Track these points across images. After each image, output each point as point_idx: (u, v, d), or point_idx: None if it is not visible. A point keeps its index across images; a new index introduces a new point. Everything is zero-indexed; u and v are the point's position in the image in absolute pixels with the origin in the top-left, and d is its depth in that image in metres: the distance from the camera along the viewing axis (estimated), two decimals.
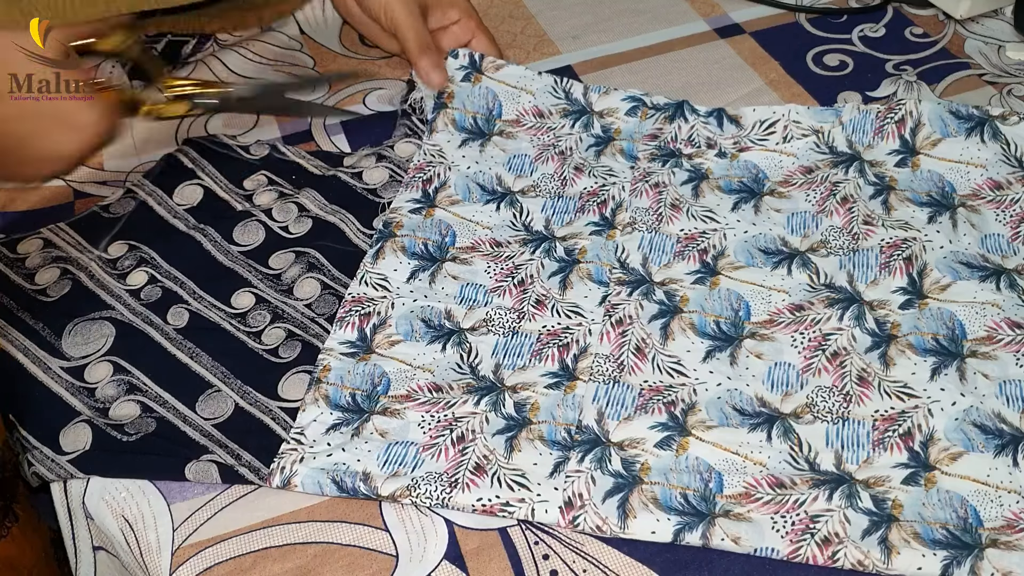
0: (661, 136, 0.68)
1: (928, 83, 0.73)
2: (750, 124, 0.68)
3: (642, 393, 0.53)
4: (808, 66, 0.76)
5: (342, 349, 0.56)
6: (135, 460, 0.52)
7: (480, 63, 0.71)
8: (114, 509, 0.50)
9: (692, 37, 0.79)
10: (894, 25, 0.79)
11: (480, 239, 0.62)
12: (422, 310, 0.58)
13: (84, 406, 0.54)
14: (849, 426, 0.51)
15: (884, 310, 0.57)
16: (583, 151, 0.68)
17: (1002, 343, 0.55)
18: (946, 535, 0.47)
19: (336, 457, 0.51)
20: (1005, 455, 0.50)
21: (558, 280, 0.59)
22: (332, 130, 0.72)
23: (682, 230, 0.62)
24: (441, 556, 0.48)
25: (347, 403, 0.53)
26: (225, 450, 0.52)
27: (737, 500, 0.49)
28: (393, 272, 0.60)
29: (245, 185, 0.66)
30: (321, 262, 0.61)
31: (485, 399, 0.53)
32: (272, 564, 0.48)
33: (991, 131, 0.65)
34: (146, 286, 0.59)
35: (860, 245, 0.60)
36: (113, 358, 0.56)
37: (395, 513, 0.50)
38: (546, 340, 0.56)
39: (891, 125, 0.66)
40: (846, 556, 0.46)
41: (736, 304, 0.58)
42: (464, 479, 0.49)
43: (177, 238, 0.62)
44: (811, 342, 0.55)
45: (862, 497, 0.48)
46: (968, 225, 0.61)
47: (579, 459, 0.50)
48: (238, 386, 0.55)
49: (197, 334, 0.57)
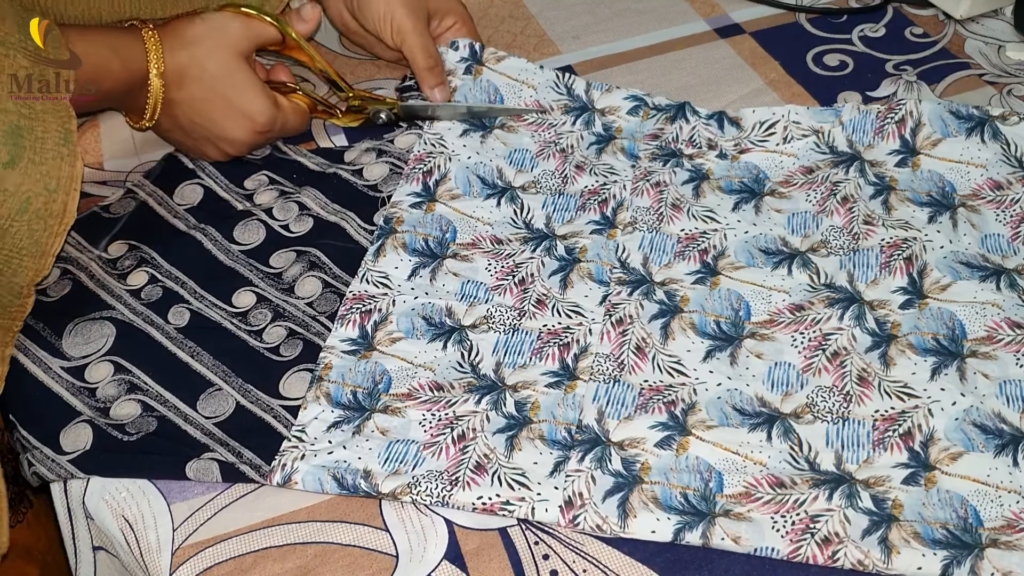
0: (662, 136, 0.68)
1: (928, 83, 0.73)
2: (750, 125, 0.68)
3: (642, 393, 0.53)
4: (808, 66, 0.76)
5: (343, 347, 0.56)
6: (136, 459, 0.52)
7: (481, 54, 0.71)
8: (114, 509, 0.50)
9: (692, 37, 0.79)
10: (894, 25, 0.79)
11: (481, 235, 0.62)
12: (423, 307, 0.58)
13: (84, 406, 0.54)
14: (849, 426, 0.51)
15: (884, 310, 0.57)
16: (584, 149, 0.68)
17: (1002, 343, 0.55)
18: (946, 535, 0.47)
19: (337, 455, 0.51)
20: (1005, 455, 0.50)
21: (558, 279, 0.59)
22: (332, 129, 0.71)
23: (682, 230, 0.62)
24: (441, 556, 0.48)
25: (348, 401, 0.53)
26: (226, 448, 0.52)
27: (737, 500, 0.49)
28: (394, 270, 0.60)
29: (246, 184, 0.66)
30: (322, 260, 0.61)
31: (486, 398, 0.53)
32: (272, 564, 0.48)
33: (991, 131, 0.65)
34: (147, 286, 0.59)
35: (860, 245, 0.60)
36: (114, 358, 0.56)
37: (395, 513, 0.50)
38: (546, 339, 0.56)
39: (891, 125, 0.66)
40: (846, 556, 0.46)
41: (736, 304, 0.58)
42: (465, 478, 0.49)
43: (178, 238, 0.62)
44: (811, 342, 0.55)
45: (862, 497, 0.48)
46: (968, 225, 0.61)
47: (579, 458, 0.50)
48: (239, 384, 0.55)
49: (198, 333, 0.57)
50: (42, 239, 0.53)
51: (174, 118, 0.64)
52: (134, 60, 0.60)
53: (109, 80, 0.59)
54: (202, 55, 0.62)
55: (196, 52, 0.62)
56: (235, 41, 0.63)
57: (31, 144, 0.51)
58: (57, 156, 0.52)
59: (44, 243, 0.53)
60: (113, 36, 0.60)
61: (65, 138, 0.53)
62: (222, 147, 0.65)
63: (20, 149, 0.51)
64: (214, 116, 0.63)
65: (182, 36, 0.62)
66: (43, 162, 0.52)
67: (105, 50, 0.58)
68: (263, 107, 0.64)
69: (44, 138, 0.52)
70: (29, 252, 0.53)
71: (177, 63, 0.62)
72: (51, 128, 0.52)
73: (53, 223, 0.53)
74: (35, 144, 0.51)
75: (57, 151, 0.52)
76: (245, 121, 0.64)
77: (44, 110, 0.52)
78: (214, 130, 0.64)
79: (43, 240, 0.53)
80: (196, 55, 0.62)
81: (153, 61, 0.61)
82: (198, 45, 0.62)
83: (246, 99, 0.63)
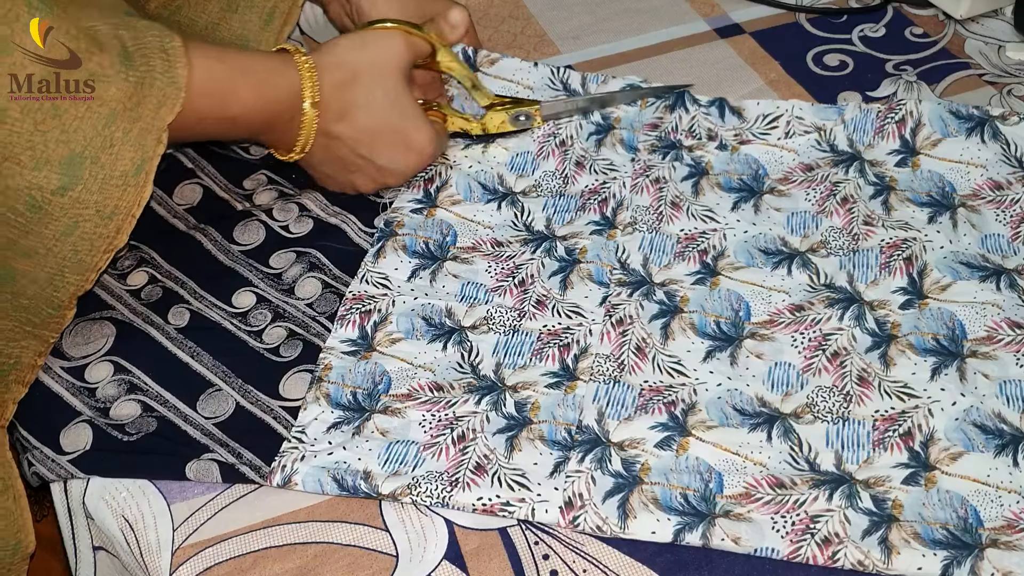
0: (661, 126, 0.68)
1: (928, 83, 0.73)
2: (752, 117, 0.68)
3: (642, 393, 0.53)
4: (808, 66, 0.76)
5: (343, 348, 0.56)
6: (136, 460, 0.52)
7: (475, 58, 0.71)
8: (114, 509, 0.50)
9: (692, 37, 0.79)
10: (894, 25, 0.79)
11: (481, 239, 0.62)
12: (423, 308, 0.58)
13: (84, 406, 0.54)
14: (849, 426, 0.51)
15: (884, 310, 0.57)
16: (583, 140, 0.68)
17: (1002, 343, 0.55)
18: (946, 535, 0.47)
19: (337, 455, 0.51)
20: (1005, 455, 0.50)
21: (558, 280, 0.59)
22: None
23: (682, 230, 0.62)
24: (441, 556, 0.48)
25: (348, 402, 0.53)
26: (226, 449, 0.52)
27: (737, 500, 0.49)
28: (394, 271, 0.60)
29: (245, 185, 0.66)
30: (322, 261, 0.61)
31: (486, 398, 0.53)
32: (272, 564, 0.48)
33: (991, 131, 0.65)
34: (147, 286, 0.59)
35: (860, 246, 0.60)
36: (114, 358, 0.56)
37: (395, 513, 0.50)
38: (546, 340, 0.56)
39: (891, 125, 0.66)
40: (846, 556, 0.46)
41: (736, 304, 0.58)
42: (465, 478, 0.49)
43: (177, 238, 0.62)
44: (811, 342, 0.55)
45: (862, 497, 0.48)
46: (968, 225, 0.61)
47: (579, 459, 0.50)
48: (239, 385, 0.55)
49: (198, 333, 0.57)
50: (86, 259, 0.51)
51: (330, 151, 0.60)
52: (277, 87, 0.56)
53: (236, 105, 0.55)
54: (370, 83, 0.58)
55: (365, 80, 0.58)
56: (399, 63, 0.60)
57: (92, 174, 0.49)
58: (122, 185, 0.49)
59: (88, 262, 0.51)
60: (251, 60, 0.56)
61: (138, 168, 0.50)
62: (382, 179, 0.62)
63: (74, 180, 0.48)
64: (382, 149, 0.60)
65: (344, 63, 0.58)
66: (101, 191, 0.49)
67: (235, 74, 0.54)
68: (431, 137, 0.61)
69: (112, 166, 0.49)
70: (73, 269, 0.51)
71: (339, 92, 0.58)
72: (124, 157, 0.49)
73: (101, 244, 0.51)
74: (97, 173, 0.49)
75: (124, 180, 0.49)
76: (411, 154, 0.61)
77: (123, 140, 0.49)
78: (379, 162, 0.61)
79: (87, 260, 0.51)
80: (365, 84, 0.58)
81: (308, 89, 0.57)
82: (368, 72, 0.58)
83: (412, 128, 0.60)
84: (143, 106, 0.50)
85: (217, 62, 0.54)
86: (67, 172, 0.48)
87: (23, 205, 0.48)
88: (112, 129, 0.49)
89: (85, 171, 0.48)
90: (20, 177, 0.47)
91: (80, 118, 0.48)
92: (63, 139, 0.47)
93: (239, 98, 0.55)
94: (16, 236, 0.49)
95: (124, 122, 0.49)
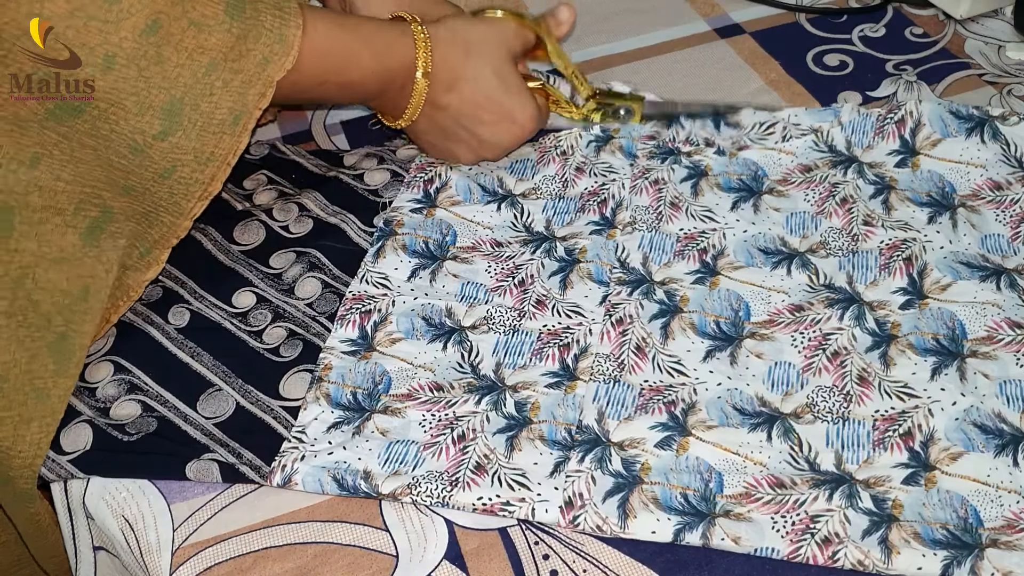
0: (659, 137, 0.68)
1: (928, 83, 0.73)
2: (749, 125, 0.68)
3: (642, 393, 0.53)
4: (808, 66, 0.76)
5: (343, 347, 0.56)
6: (136, 460, 0.52)
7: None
8: (114, 509, 0.50)
9: (692, 37, 0.79)
10: (894, 25, 0.79)
11: (481, 239, 0.62)
12: (423, 308, 0.58)
13: (85, 406, 0.54)
14: (849, 426, 0.51)
15: (884, 310, 0.57)
16: (583, 148, 0.68)
17: (1002, 343, 0.55)
18: (946, 535, 0.47)
19: (337, 455, 0.51)
20: (1005, 455, 0.50)
21: (558, 280, 0.59)
22: (332, 130, 0.72)
23: (681, 229, 0.62)
24: (441, 556, 0.48)
25: (348, 401, 0.53)
26: (226, 449, 0.52)
27: (737, 500, 0.49)
28: (394, 271, 0.60)
29: (244, 184, 0.66)
30: (322, 261, 0.61)
31: (486, 398, 0.53)
32: (272, 564, 0.48)
33: (991, 131, 0.65)
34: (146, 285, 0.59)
35: (860, 246, 0.60)
36: (114, 358, 0.56)
37: (395, 513, 0.50)
38: (546, 339, 0.56)
39: (891, 125, 0.66)
40: (846, 556, 0.46)
41: (736, 304, 0.58)
42: (465, 478, 0.49)
43: None
44: (811, 342, 0.55)
45: (862, 497, 0.48)
46: (968, 225, 0.61)
47: (579, 459, 0.50)
48: (239, 385, 0.55)
49: (198, 333, 0.57)
50: (182, 202, 0.53)
51: (435, 120, 0.62)
52: (392, 55, 0.58)
53: (356, 71, 0.57)
54: (480, 58, 0.60)
55: (475, 55, 0.60)
56: (512, 45, 0.62)
57: (191, 120, 0.50)
58: (219, 133, 0.51)
59: (183, 206, 0.53)
60: (370, 27, 0.58)
61: (236, 118, 0.51)
62: (481, 152, 0.64)
63: (174, 125, 0.50)
64: (485, 120, 0.62)
65: (457, 37, 0.60)
66: (200, 137, 0.51)
67: (356, 40, 0.56)
68: (533, 113, 0.63)
69: (211, 114, 0.51)
70: (168, 210, 0.53)
71: (451, 65, 0.60)
72: (223, 106, 0.51)
73: (196, 190, 0.53)
74: (196, 120, 0.51)
75: (221, 128, 0.51)
76: (514, 127, 0.63)
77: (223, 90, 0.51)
78: (481, 134, 0.63)
79: (182, 204, 0.53)
80: (475, 58, 0.60)
81: (421, 59, 0.59)
82: (479, 48, 0.60)
83: (516, 104, 0.62)
84: (246, 59, 0.51)
85: (338, 28, 0.56)
86: (167, 117, 0.50)
87: (126, 148, 0.50)
88: (212, 78, 0.51)
89: (184, 117, 0.50)
90: (125, 123, 0.50)
91: (181, 65, 0.50)
92: (164, 85, 0.49)
93: (359, 64, 0.57)
94: (118, 178, 0.51)
95: (224, 72, 0.51)
